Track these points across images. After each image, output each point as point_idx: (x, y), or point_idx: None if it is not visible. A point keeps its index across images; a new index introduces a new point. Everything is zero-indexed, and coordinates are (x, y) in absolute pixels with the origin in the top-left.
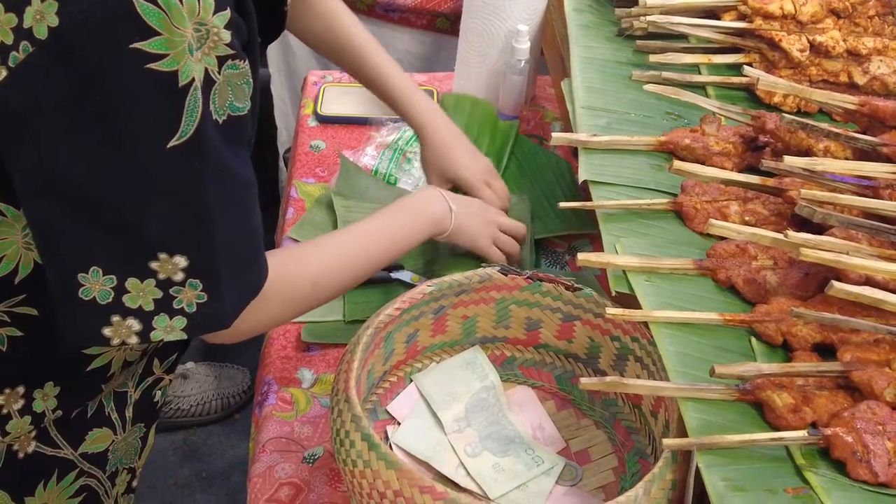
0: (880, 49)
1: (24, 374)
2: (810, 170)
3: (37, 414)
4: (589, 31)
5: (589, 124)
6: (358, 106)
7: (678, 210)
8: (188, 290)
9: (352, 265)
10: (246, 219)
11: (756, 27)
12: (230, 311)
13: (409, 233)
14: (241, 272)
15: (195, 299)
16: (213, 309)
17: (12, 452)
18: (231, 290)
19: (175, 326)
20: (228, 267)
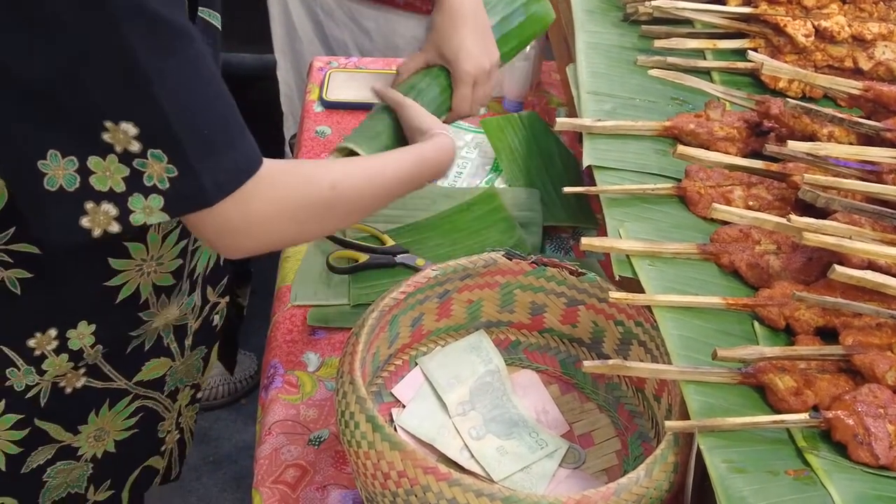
0: (885, 34)
1: (50, 317)
2: (814, 154)
3: (74, 352)
4: (594, 17)
5: (594, 109)
6: (363, 91)
7: (682, 195)
8: (153, 162)
9: (372, 183)
10: (197, 77)
11: (761, 12)
12: (211, 188)
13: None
14: (217, 144)
15: (165, 174)
16: (188, 184)
17: (58, 389)
18: (207, 163)
19: (153, 206)
20: (192, 134)
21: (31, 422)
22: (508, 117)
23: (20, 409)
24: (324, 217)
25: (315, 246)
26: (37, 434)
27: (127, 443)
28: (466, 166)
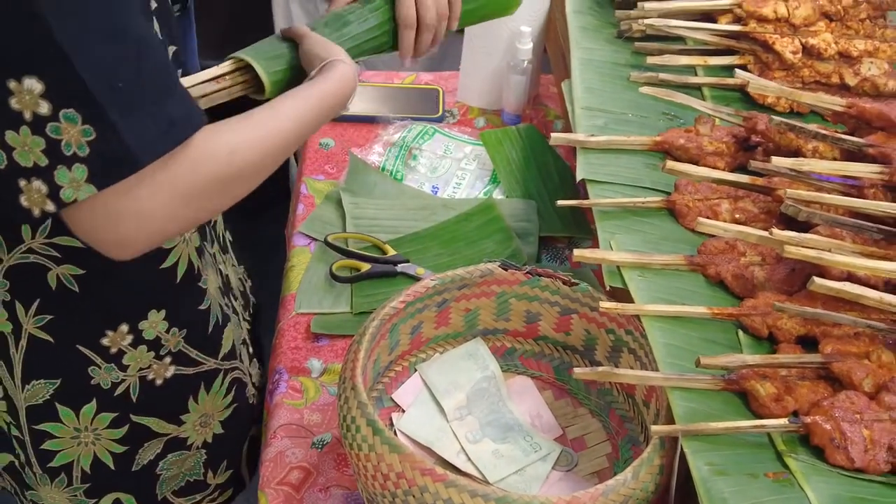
0: (871, 51)
1: (117, 313)
2: (796, 170)
3: (151, 342)
4: (589, 33)
5: (587, 124)
6: (366, 105)
7: (671, 208)
8: (67, 126)
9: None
10: (110, 21)
11: (750, 30)
12: (137, 147)
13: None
14: (141, 97)
15: (82, 137)
16: (112, 146)
17: (148, 382)
18: (130, 120)
19: (78, 179)
20: (106, 87)
21: (128, 418)
22: (506, 130)
23: (113, 407)
24: (225, 191)
25: (319, 255)
26: (138, 430)
27: (230, 420)
28: (465, 178)
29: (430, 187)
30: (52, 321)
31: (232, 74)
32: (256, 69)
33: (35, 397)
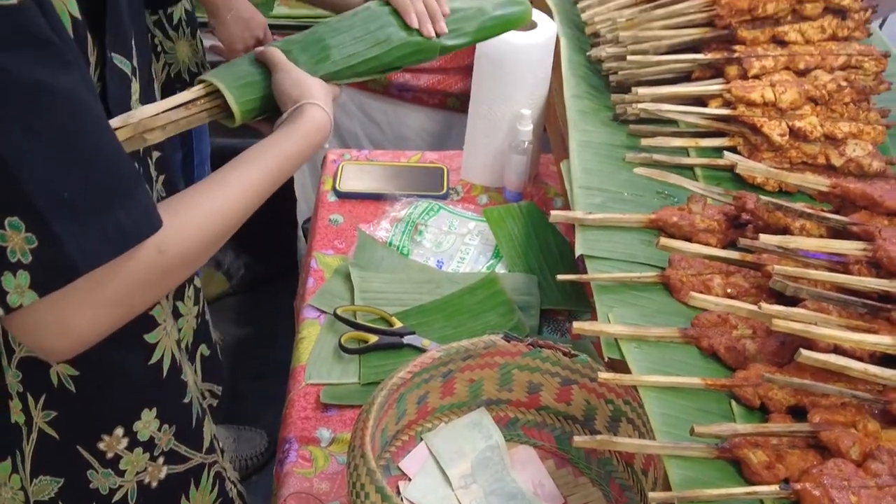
0: (855, 133)
1: (112, 416)
2: (784, 247)
3: (145, 442)
4: (586, 116)
5: (585, 202)
6: (374, 182)
7: (666, 282)
8: (12, 233)
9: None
10: (59, 133)
11: (739, 114)
12: (78, 257)
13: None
14: (88, 207)
15: (26, 245)
16: (53, 255)
17: (144, 486)
18: (74, 229)
19: (22, 285)
20: (52, 196)
21: None
22: (508, 207)
23: None
24: (154, 289)
25: (328, 328)
26: None
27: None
28: (469, 252)
29: (435, 262)
30: (56, 418)
31: (203, 99)
32: (226, 97)
33: (41, 493)
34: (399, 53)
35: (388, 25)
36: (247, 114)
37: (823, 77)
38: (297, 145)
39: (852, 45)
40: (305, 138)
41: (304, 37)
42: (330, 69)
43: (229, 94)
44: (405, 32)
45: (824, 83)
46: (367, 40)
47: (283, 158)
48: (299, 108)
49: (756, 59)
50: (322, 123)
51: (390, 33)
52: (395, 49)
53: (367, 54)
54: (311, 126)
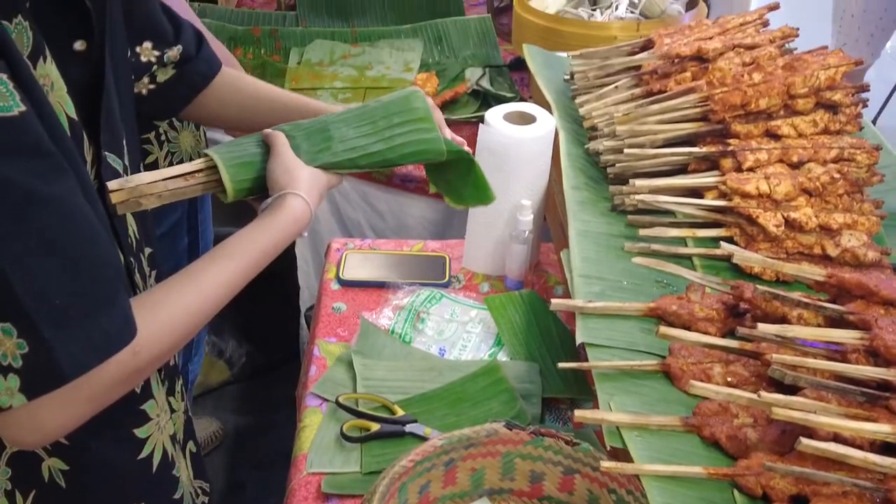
0: (850, 224)
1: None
2: (782, 336)
3: None
4: (585, 207)
5: (585, 291)
6: (377, 271)
7: (666, 371)
8: (4, 338)
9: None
10: (52, 242)
11: (735, 205)
12: (67, 364)
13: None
14: (77, 312)
15: (17, 350)
16: (43, 361)
17: None
18: (64, 336)
19: (12, 388)
20: (44, 304)
21: None
22: (510, 295)
23: None
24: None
25: (330, 416)
26: None
27: None
28: (471, 340)
29: (437, 349)
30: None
31: (203, 172)
32: (222, 174)
33: None
34: (403, 151)
35: (395, 122)
36: (240, 192)
37: (817, 170)
38: (273, 237)
39: (844, 138)
40: (281, 231)
41: (311, 124)
42: (329, 160)
43: (225, 171)
44: (413, 131)
45: (818, 175)
46: (371, 135)
47: (258, 252)
48: (280, 197)
49: (750, 153)
50: (300, 215)
51: (395, 130)
52: (399, 146)
53: (369, 149)
54: (288, 217)
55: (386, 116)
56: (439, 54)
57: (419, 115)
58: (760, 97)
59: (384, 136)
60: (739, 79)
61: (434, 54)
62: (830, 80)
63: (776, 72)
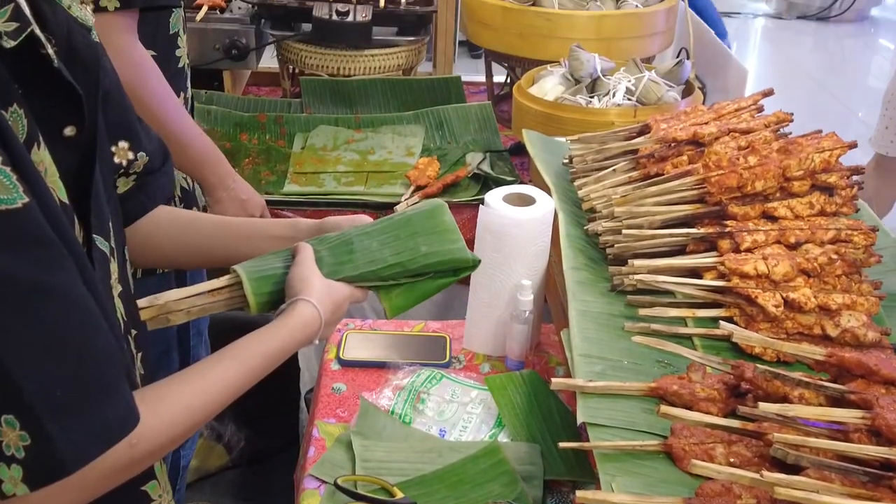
0: (849, 304)
1: None
2: (783, 415)
3: None
4: (585, 287)
5: (586, 370)
6: (377, 351)
7: (668, 451)
8: (7, 429)
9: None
10: (54, 333)
11: (734, 285)
12: (69, 456)
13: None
14: (80, 403)
15: (20, 441)
16: (45, 453)
17: None
18: (66, 428)
19: (16, 478)
20: (47, 396)
21: None
22: (510, 376)
23: None
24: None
25: (328, 498)
26: None
27: None
28: (472, 421)
29: (437, 430)
30: None
31: (229, 288)
32: (245, 287)
33: None
34: (427, 261)
35: (419, 231)
36: (262, 305)
37: (814, 250)
38: (282, 342)
39: (841, 219)
40: (290, 336)
41: (336, 237)
42: (351, 272)
43: (248, 284)
44: (438, 241)
45: (815, 256)
46: (394, 246)
47: (265, 356)
48: (292, 303)
49: (748, 234)
50: (309, 321)
51: (419, 242)
52: (421, 257)
53: (390, 260)
54: (297, 323)
55: (409, 227)
56: (441, 139)
57: (444, 227)
58: (756, 179)
59: (408, 245)
60: (735, 161)
61: (435, 139)
62: (825, 162)
63: (771, 155)
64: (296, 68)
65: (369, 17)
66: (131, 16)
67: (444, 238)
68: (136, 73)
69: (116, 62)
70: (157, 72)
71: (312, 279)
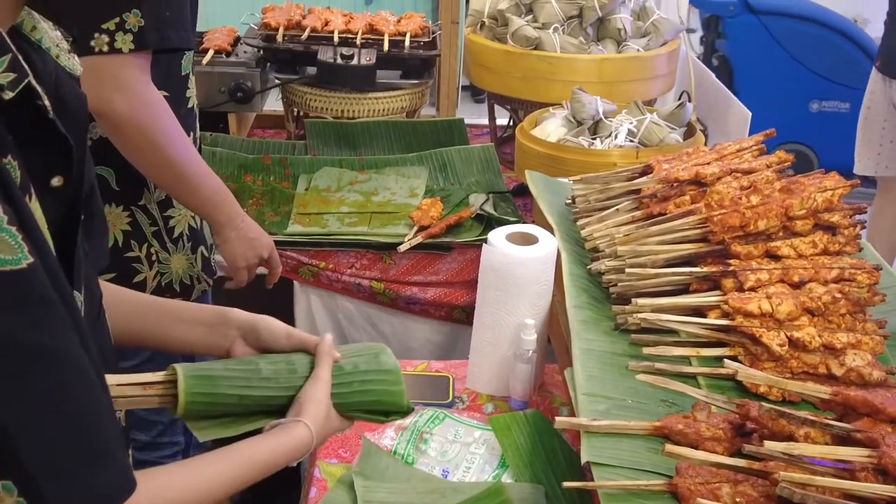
0: (854, 343)
1: None
2: (789, 454)
3: None
4: (588, 326)
5: (590, 409)
6: None
7: (673, 491)
8: (3, 494)
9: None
10: (56, 399)
11: (738, 324)
12: None
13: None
14: (76, 471)
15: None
16: None
17: None
18: (63, 495)
19: None
20: (45, 462)
21: None
22: (514, 415)
23: None
24: None
25: None
26: None
27: None
28: (475, 462)
29: (440, 471)
30: None
31: (163, 385)
32: (178, 382)
33: None
34: (360, 399)
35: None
36: (191, 408)
37: (818, 289)
38: (276, 458)
39: (844, 259)
40: (284, 455)
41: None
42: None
43: (182, 381)
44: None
45: (819, 295)
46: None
47: (258, 466)
48: (296, 423)
49: (751, 273)
50: (301, 448)
51: (357, 378)
52: (357, 393)
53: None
54: (290, 444)
55: (351, 364)
56: (444, 181)
57: (385, 368)
58: (759, 219)
59: (346, 380)
60: (737, 201)
61: (439, 181)
62: (828, 202)
63: (773, 194)
64: (300, 111)
65: (373, 61)
66: (145, 57)
67: (384, 380)
68: (148, 113)
69: (130, 102)
70: (169, 112)
71: (321, 405)
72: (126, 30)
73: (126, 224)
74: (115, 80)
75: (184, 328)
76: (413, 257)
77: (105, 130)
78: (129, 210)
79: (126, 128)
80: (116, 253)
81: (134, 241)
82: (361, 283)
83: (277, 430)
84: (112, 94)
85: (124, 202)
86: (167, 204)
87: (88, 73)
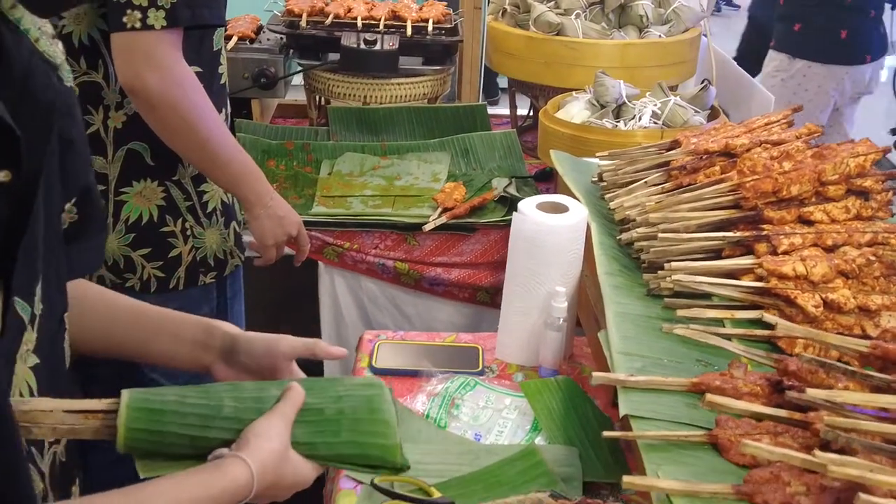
0: (888, 305)
1: None
2: (832, 401)
3: None
4: (621, 291)
5: (626, 367)
6: (410, 360)
7: (714, 442)
8: None
9: None
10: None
11: (773, 286)
12: None
13: None
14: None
15: None
16: None
17: None
18: None
19: None
20: None
21: None
22: (546, 381)
23: None
24: None
25: (365, 498)
26: None
27: None
28: (507, 426)
29: (472, 435)
30: None
31: (105, 415)
32: (119, 414)
33: None
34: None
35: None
36: (132, 441)
37: (852, 252)
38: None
39: (877, 223)
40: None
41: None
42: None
43: (124, 412)
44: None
45: (853, 258)
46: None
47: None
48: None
49: (785, 237)
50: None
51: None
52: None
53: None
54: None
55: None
56: (466, 166)
57: (378, 417)
58: (791, 184)
59: (332, 427)
60: (770, 167)
61: (461, 166)
62: (860, 167)
63: (805, 160)
64: (323, 98)
65: (396, 47)
66: (177, 34)
67: (375, 431)
68: (180, 90)
69: (162, 79)
70: (200, 88)
71: (271, 442)
72: (158, 6)
73: (161, 199)
74: (147, 56)
75: (164, 341)
76: (437, 238)
77: (137, 107)
78: (163, 185)
79: (158, 104)
80: (152, 228)
81: (169, 216)
82: (386, 263)
83: (209, 467)
84: (144, 71)
85: (159, 177)
86: (200, 179)
87: (121, 50)
